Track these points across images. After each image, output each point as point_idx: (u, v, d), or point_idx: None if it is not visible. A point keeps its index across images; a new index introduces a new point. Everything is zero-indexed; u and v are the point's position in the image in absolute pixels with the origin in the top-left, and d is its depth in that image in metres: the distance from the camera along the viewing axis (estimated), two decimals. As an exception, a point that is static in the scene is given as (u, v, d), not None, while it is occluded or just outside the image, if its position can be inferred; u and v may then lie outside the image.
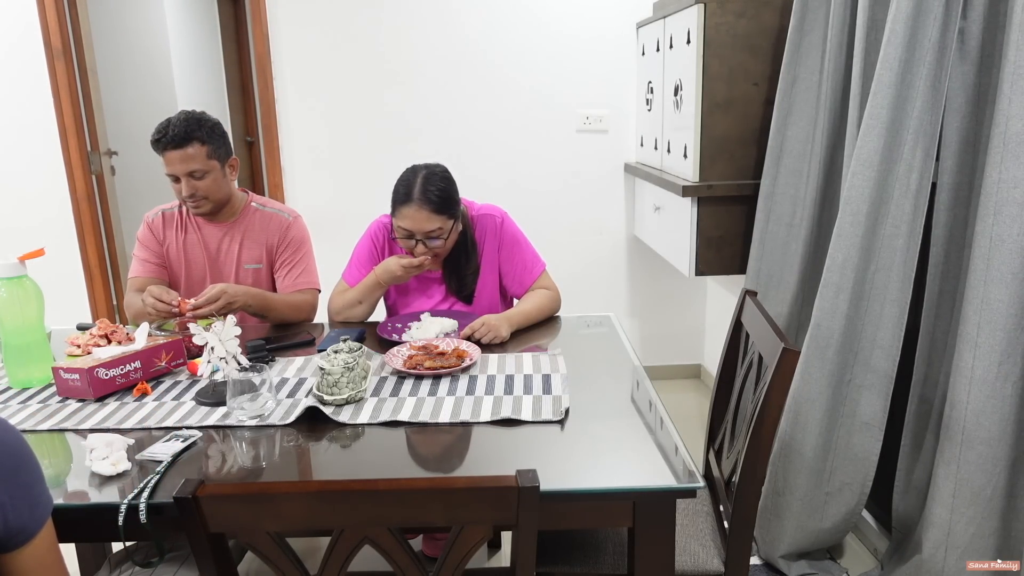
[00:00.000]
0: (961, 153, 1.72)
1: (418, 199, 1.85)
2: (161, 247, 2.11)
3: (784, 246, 2.30)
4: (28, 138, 3.13)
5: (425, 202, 1.84)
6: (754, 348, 1.58)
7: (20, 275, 1.56)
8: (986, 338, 1.55)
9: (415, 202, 1.85)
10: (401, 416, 1.42)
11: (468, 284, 2.04)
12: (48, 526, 0.92)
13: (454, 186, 1.93)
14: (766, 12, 2.41)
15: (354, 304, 2.01)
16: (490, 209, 2.07)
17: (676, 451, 1.28)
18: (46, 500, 0.92)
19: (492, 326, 1.82)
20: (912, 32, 1.67)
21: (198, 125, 1.96)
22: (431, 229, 1.87)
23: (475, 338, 1.81)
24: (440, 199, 1.86)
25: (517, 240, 2.06)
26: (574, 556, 1.50)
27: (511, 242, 2.05)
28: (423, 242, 1.89)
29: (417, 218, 1.86)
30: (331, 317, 2.07)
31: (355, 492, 0.99)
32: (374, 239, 2.08)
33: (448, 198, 1.89)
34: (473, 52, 3.19)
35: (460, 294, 2.05)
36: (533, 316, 1.97)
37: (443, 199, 1.87)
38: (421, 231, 1.87)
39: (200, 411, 1.47)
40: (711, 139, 2.49)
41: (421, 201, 1.85)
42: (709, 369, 3.47)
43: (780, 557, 2.08)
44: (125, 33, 4.45)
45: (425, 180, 1.87)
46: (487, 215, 2.05)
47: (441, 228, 1.88)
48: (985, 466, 1.60)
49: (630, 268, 3.47)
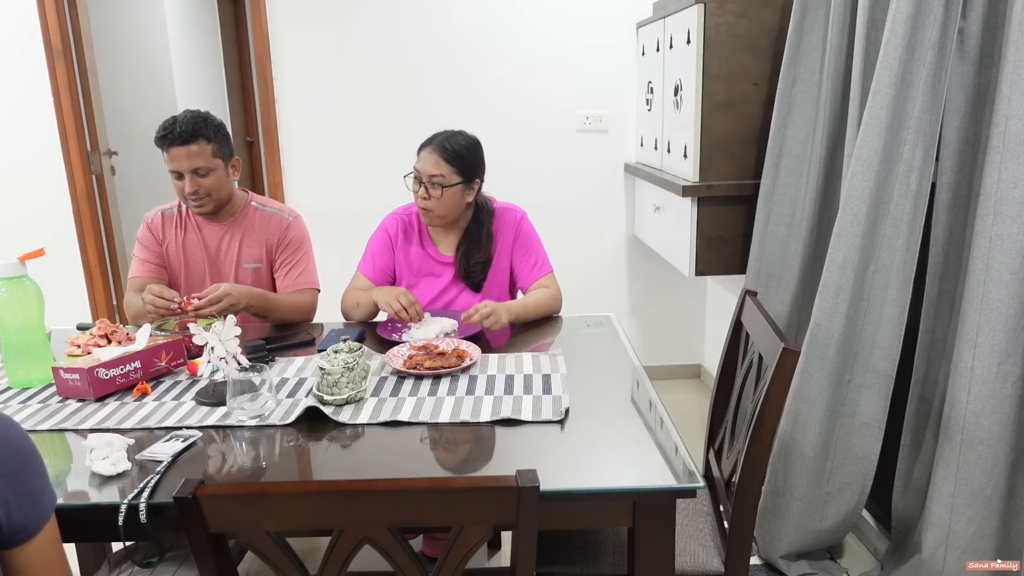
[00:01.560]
0: (961, 153, 1.72)
1: (436, 144, 1.97)
2: (161, 247, 2.12)
3: (784, 246, 2.30)
4: (28, 138, 3.13)
5: (440, 149, 1.96)
6: (754, 348, 1.58)
7: (20, 275, 1.56)
8: (986, 338, 1.55)
9: (432, 146, 1.97)
10: (401, 416, 1.42)
11: (477, 272, 2.08)
12: (51, 523, 0.92)
13: (475, 152, 2.01)
14: (766, 12, 2.41)
15: (354, 307, 2.08)
16: (512, 206, 2.15)
17: (676, 451, 1.28)
18: (49, 497, 0.92)
19: (494, 310, 1.85)
20: (912, 32, 1.67)
21: (205, 123, 1.97)
22: (435, 173, 1.95)
23: (475, 319, 1.83)
24: (455, 152, 1.96)
25: (531, 238, 2.13)
26: (574, 556, 1.50)
27: (526, 238, 2.12)
28: (426, 186, 1.96)
29: (427, 160, 1.96)
30: (342, 312, 2.13)
31: (355, 492, 0.99)
32: (387, 230, 2.14)
33: (462, 155, 1.97)
34: (473, 52, 3.19)
35: (468, 280, 2.09)
36: (531, 310, 2.00)
37: (457, 153, 1.96)
38: (426, 173, 1.96)
39: (200, 411, 1.47)
40: (711, 139, 2.49)
41: (437, 147, 1.96)
42: (709, 369, 3.47)
43: (780, 557, 2.08)
44: (125, 33, 4.45)
45: (451, 134, 2.00)
46: (509, 210, 2.13)
47: (444, 177, 1.95)
48: (985, 466, 1.60)
49: (630, 268, 3.47)
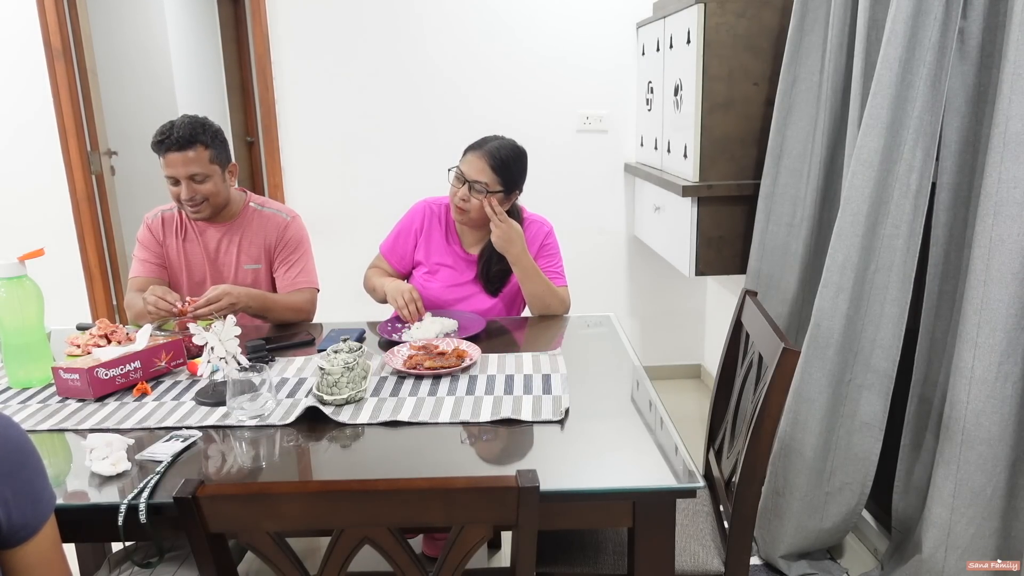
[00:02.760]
0: (961, 153, 1.72)
1: (485, 150, 2.00)
2: (161, 248, 2.11)
3: (784, 246, 2.30)
4: (28, 138, 3.13)
5: (488, 156, 1.98)
6: (754, 348, 1.58)
7: (20, 275, 1.55)
8: (986, 338, 1.55)
9: (481, 151, 2.00)
10: (401, 416, 1.42)
11: (497, 279, 2.11)
12: (50, 523, 0.92)
13: (521, 164, 2.05)
14: (766, 12, 2.41)
15: (372, 290, 2.15)
16: (541, 219, 2.19)
17: (676, 451, 1.28)
18: (49, 497, 0.92)
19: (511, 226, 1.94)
20: (912, 32, 1.67)
21: (202, 129, 1.96)
22: (479, 180, 1.97)
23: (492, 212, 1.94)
24: (502, 161, 1.99)
25: (554, 250, 2.17)
26: (574, 556, 1.50)
27: (549, 248, 2.15)
28: (471, 186, 1.98)
29: (475, 164, 1.98)
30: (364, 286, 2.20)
31: (355, 492, 0.98)
32: (414, 218, 2.19)
33: (508, 166, 2.00)
34: (473, 52, 3.19)
35: (486, 282, 2.12)
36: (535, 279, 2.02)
37: (504, 163, 1.99)
38: (471, 176, 1.98)
39: (200, 411, 1.47)
40: (711, 139, 2.49)
41: (486, 154, 1.99)
42: (709, 369, 3.47)
43: (780, 557, 2.08)
44: (125, 33, 4.45)
45: (501, 142, 2.03)
46: (537, 222, 2.17)
47: (487, 184, 1.97)
48: (985, 466, 1.60)
49: (630, 268, 3.47)
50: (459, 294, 2.11)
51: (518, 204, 2.15)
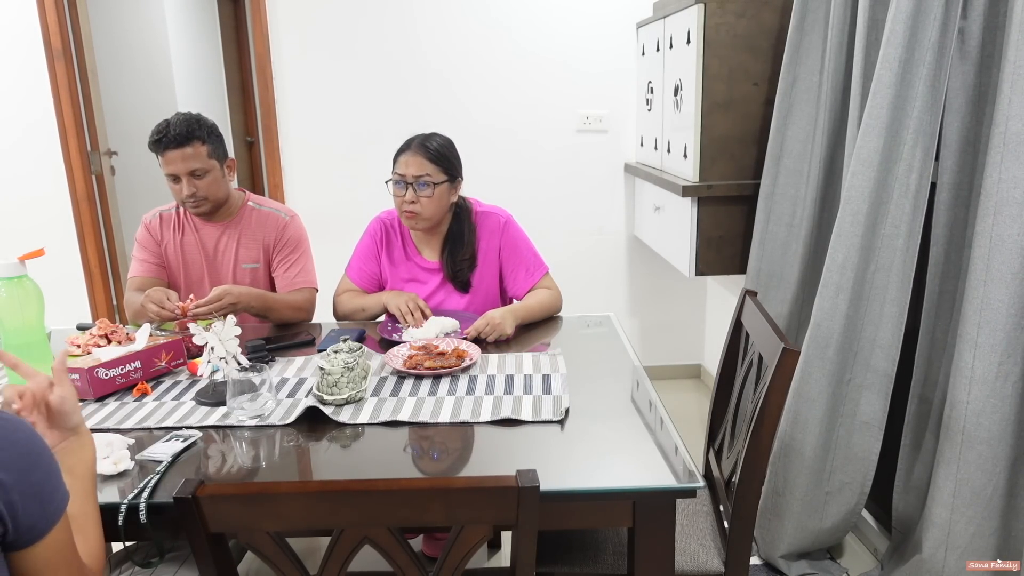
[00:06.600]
0: (961, 153, 1.72)
1: (416, 146, 1.99)
2: (159, 247, 2.12)
3: (784, 246, 2.30)
4: (28, 138, 3.13)
5: (422, 149, 1.98)
6: (754, 348, 1.58)
7: (20, 275, 1.55)
8: (986, 338, 1.55)
9: (413, 149, 1.98)
10: (401, 416, 1.42)
11: (464, 270, 2.08)
12: (61, 524, 0.89)
13: (454, 151, 2.04)
14: (766, 12, 2.41)
15: (359, 310, 2.10)
16: (495, 209, 2.13)
17: (676, 451, 1.28)
18: (60, 498, 0.90)
19: (496, 324, 1.84)
20: (912, 32, 1.67)
21: (198, 125, 1.97)
22: (421, 173, 1.95)
23: (481, 337, 1.82)
24: (436, 151, 1.98)
25: (518, 244, 2.10)
26: (574, 556, 1.50)
27: (512, 246, 2.09)
28: (413, 187, 1.96)
29: (411, 162, 1.97)
30: (336, 314, 2.13)
31: (355, 492, 0.99)
32: (373, 235, 2.14)
33: (444, 154, 1.99)
34: (473, 52, 3.18)
35: (455, 281, 2.09)
36: (536, 312, 2.00)
37: (439, 152, 1.98)
38: (412, 174, 1.96)
39: (200, 411, 1.47)
40: (711, 139, 2.49)
41: (418, 148, 1.98)
42: (709, 369, 3.47)
43: (780, 557, 2.08)
44: (125, 33, 4.45)
45: (428, 136, 2.02)
46: (491, 213, 2.11)
47: (430, 176, 1.95)
48: (985, 466, 1.60)
49: (630, 268, 3.47)
50: (433, 303, 2.09)
51: (467, 199, 2.12)
